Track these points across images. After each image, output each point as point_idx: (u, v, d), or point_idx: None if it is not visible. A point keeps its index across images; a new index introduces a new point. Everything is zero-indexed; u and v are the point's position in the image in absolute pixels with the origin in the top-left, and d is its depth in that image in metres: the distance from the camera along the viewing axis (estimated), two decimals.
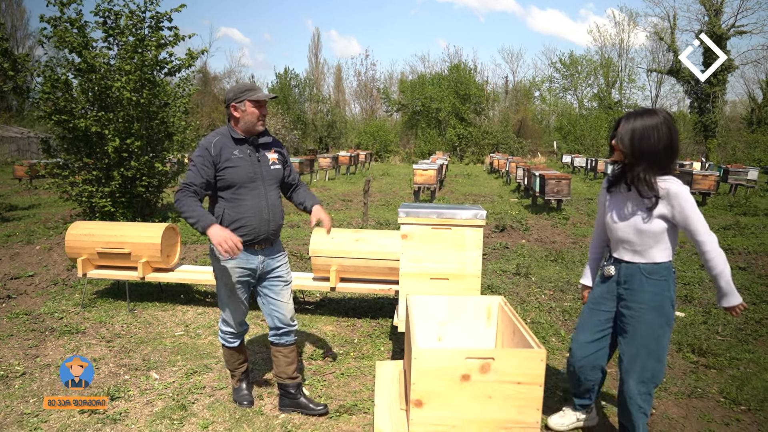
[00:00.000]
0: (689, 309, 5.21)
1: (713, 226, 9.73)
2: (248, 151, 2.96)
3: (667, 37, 32.50)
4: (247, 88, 2.93)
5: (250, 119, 2.92)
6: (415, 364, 2.10)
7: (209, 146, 2.88)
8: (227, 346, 3.23)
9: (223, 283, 3.04)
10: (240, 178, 2.90)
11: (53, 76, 7.57)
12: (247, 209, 2.92)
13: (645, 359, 2.55)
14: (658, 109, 2.49)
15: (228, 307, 3.10)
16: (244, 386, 3.34)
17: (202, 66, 33.73)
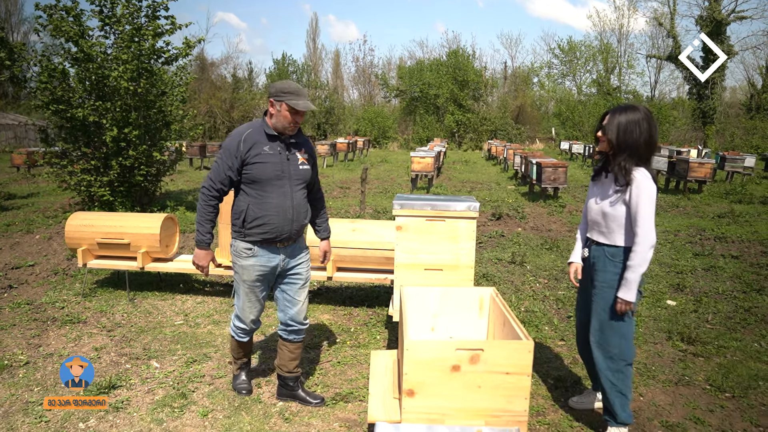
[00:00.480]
0: (680, 298, 5.29)
1: (708, 214, 9.82)
2: (279, 149, 2.95)
3: (666, 23, 32.34)
4: (290, 91, 2.87)
5: (282, 122, 2.90)
6: (407, 355, 2.18)
7: (240, 139, 2.88)
8: (236, 340, 3.27)
9: (241, 281, 3.06)
10: (267, 174, 2.90)
11: (50, 66, 7.58)
12: (271, 207, 2.92)
13: (609, 335, 2.77)
14: (639, 106, 2.72)
15: (244, 304, 3.12)
16: (244, 375, 3.40)
17: (200, 53, 33.50)
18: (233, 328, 3.26)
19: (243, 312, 3.14)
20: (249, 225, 2.94)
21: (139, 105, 8.29)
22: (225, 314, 4.78)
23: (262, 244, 2.99)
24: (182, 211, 9.24)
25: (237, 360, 3.38)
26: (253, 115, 31.50)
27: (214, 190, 2.92)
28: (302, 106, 2.87)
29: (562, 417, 3.11)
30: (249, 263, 3.00)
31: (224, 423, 3.02)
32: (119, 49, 7.92)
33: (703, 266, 6.40)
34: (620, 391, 2.77)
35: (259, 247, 2.99)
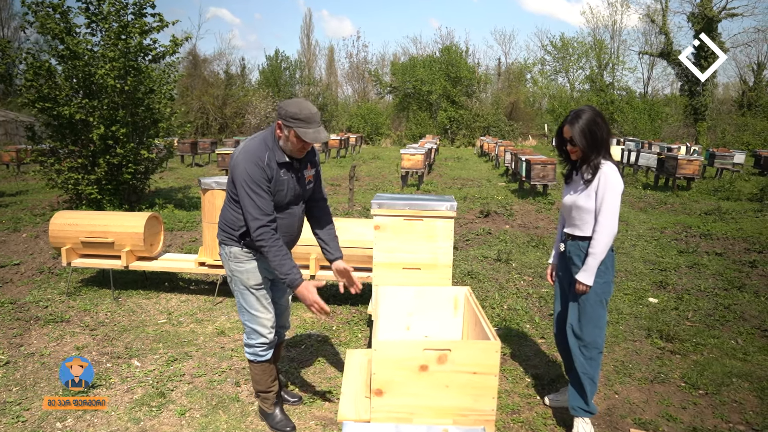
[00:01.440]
0: (663, 295, 5.34)
1: (695, 211, 9.89)
2: (291, 173, 2.74)
3: (659, 20, 32.42)
4: (301, 118, 2.58)
5: (290, 147, 2.66)
6: (375, 355, 2.20)
7: (262, 164, 2.59)
8: (259, 361, 2.88)
9: (248, 287, 2.79)
10: (284, 201, 2.73)
11: (35, 63, 7.54)
12: (281, 228, 2.73)
13: (585, 324, 2.89)
14: (586, 107, 2.88)
15: (257, 312, 2.82)
16: (278, 411, 2.97)
17: (192, 48, 33.34)
18: (250, 351, 2.87)
19: (260, 322, 2.83)
20: (250, 243, 2.74)
21: (127, 103, 8.27)
22: (208, 312, 4.79)
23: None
24: (170, 209, 9.22)
25: (266, 392, 2.94)
26: (245, 112, 31.36)
27: (271, 224, 2.60)
28: (310, 138, 2.59)
29: (536, 415, 3.15)
30: (252, 266, 2.78)
31: (201, 422, 3.04)
32: (106, 46, 7.89)
33: (687, 263, 6.45)
34: (591, 378, 2.90)
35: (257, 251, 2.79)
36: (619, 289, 5.49)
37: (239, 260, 2.78)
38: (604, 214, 2.77)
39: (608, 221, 2.76)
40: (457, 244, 7.30)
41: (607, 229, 2.77)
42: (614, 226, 2.77)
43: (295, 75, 38.42)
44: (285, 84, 36.86)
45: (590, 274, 2.81)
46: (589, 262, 2.81)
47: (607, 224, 2.76)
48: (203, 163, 19.43)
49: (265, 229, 2.58)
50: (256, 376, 2.94)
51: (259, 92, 32.44)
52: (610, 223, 2.76)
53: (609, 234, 2.77)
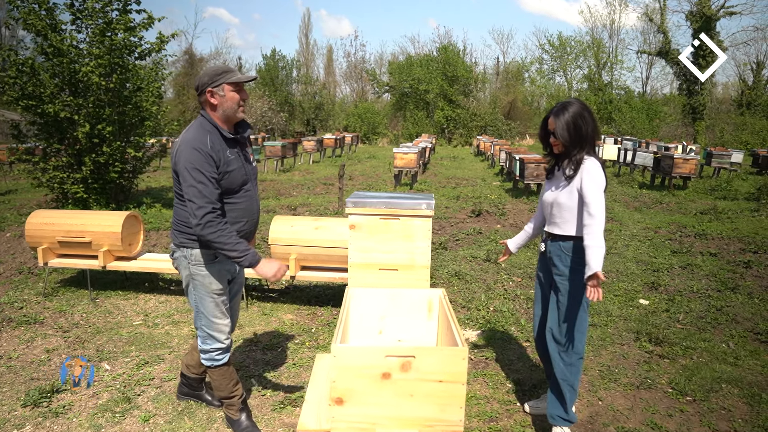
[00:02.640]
0: (654, 297, 5.22)
1: (691, 210, 9.76)
2: (237, 151, 2.65)
3: (657, 18, 32.29)
4: (224, 70, 2.55)
5: (230, 105, 2.56)
6: (334, 361, 2.07)
7: (206, 149, 2.48)
8: (217, 365, 2.77)
9: (207, 293, 2.67)
10: (236, 182, 2.62)
11: (17, 60, 7.41)
12: (242, 213, 2.68)
13: (565, 328, 2.77)
14: (574, 100, 2.74)
15: (215, 317, 2.71)
16: (245, 417, 2.86)
17: (188, 47, 33.18)
18: (207, 356, 2.76)
19: (217, 328, 2.71)
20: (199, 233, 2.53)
21: (114, 101, 8.14)
22: (186, 314, 4.66)
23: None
24: (158, 208, 9.09)
25: (230, 398, 2.83)
26: None
27: (217, 210, 2.48)
28: (244, 78, 2.57)
29: (515, 423, 3.02)
30: (215, 268, 2.66)
31: (164, 428, 2.92)
32: (91, 43, 7.75)
33: (681, 264, 6.33)
34: (571, 384, 2.77)
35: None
36: (610, 290, 5.36)
37: (200, 263, 2.64)
38: (593, 206, 2.57)
39: (598, 212, 2.56)
40: (446, 244, 7.17)
41: (599, 219, 2.56)
42: (603, 215, 2.59)
43: (292, 74, 38.25)
44: (281, 83, 36.69)
45: (598, 263, 2.51)
46: (593, 254, 2.52)
47: (597, 215, 2.56)
48: None
49: (212, 215, 2.46)
50: (215, 382, 2.81)
51: (255, 91, 32.28)
52: (600, 214, 2.57)
53: (601, 223, 2.56)
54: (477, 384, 3.48)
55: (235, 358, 3.83)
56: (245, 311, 4.75)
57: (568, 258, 2.75)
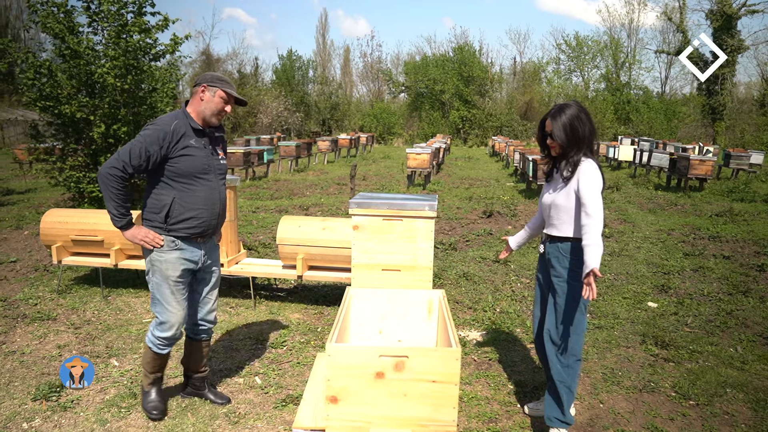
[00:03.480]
0: (663, 299, 5.17)
1: (706, 212, 9.63)
2: (204, 143, 2.89)
3: (676, 17, 31.84)
4: (225, 80, 2.90)
5: (213, 108, 2.84)
6: (328, 360, 2.11)
7: (168, 128, 2.73)
8: (155, 352, 2.96)
9: (165, 278, 2.84)
10: (195, 168, 2.82)
11: (35, 62, 7.57)
12: (200, 201, 2.85)
13: (562, 329, 2.78)
14: (571, 102, 2.76)
15: (170, 305, 2.87)
16: (155, 393, 3.07)
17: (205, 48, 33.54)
18: (152, 339, 2.95)
19: (169, 315, 2.88)
20: (175, 219, 2.81)
21: (129, 101, 8.28)
22: None
23: (184, 239, 2.87)
24: None
25: (150, 374, 3.04)
26: (258, 111, 31.47)
27: (126, 173, 2.68)
28: (236, 94, 2.91)
29: (513, 424, 3.02)
30: (174, 256, 2.84)
31: (168, 424, 2.97)
32: (107, 45, 7.90)
33: (692, 267, 6.25)
34: (568, 386, 2.77)
35: (183, 242, 2.87)
36: (618, 292, 5.33)
37: (162, 249, 2.83)
38: (590, 206, 2.56)
39: (595, 210, 2.55)
40: (456, 245, 7.18)
41: (596, 217, 2.54)
42: (602, 215, 2.59)
43: (308, 74, 38.45)
44: (297, 83, 36.91)
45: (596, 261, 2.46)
46: (591, 252, 2.49)
47: (595, 213, 2.54)
48: None
49: (118, 172, 2.66)
50: (146, 359, 3.02)
51: (271, 91, 32.51)
52: (597, 212, 2.55)
53: (598, 222, 2.54)
54: (479, 385, 3.49)
55: (241, 356, 3.89)
56: (253, 310, 4.81)
57: (565, 259, 2.76)
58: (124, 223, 2.77)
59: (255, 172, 15.06)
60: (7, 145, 24.37)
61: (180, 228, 2.83)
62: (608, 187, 12.65)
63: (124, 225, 2.77)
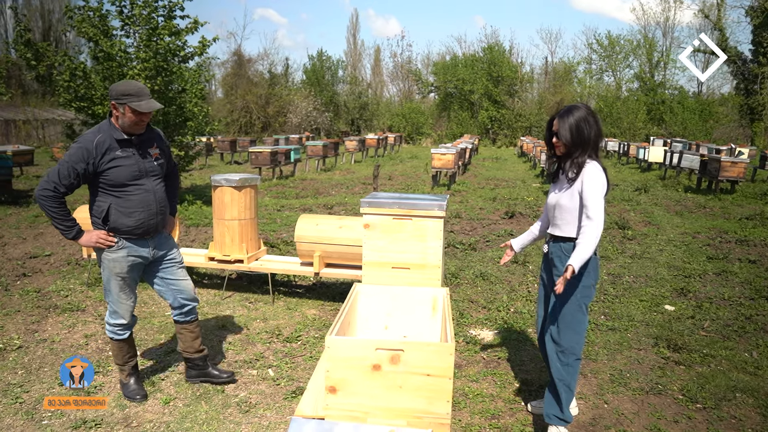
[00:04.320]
0: (681, 303, 5.11)
1: (735, 215, 9.41)
2: (132, 150, 2.99)
3: (713, 15, 31.00)
4: (131, 93, 2.86)
5: (128, 121, 2.91)
6: (328, 352, 2.21)
7: (90, 147, 2.86)
8: (117, 339, 3.20)
9: (113, 275, 3.06)
10: (125, 176, 2.95)
11: (71, 65, 7.91)
12: (136, 205, 2.99)
13: (563, 328, 2.81)
14: (581, 104, 2.79)
15: (119, 298, 3.12)
16: (133, 381, 3.29)
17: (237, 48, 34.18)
18: (110, 329, 3.18)
19: (119, 306, 3.13)
20: (113, 224, 2.98)
21: (158, 101, 8.55)
22: (215, 306, 4.91)
23: (128, 238, 3.04)
24: (199, 205, 9.49)
25: (124, 365, 3.25)
26: (287, 111, 31.90)
27: (59, 193, 2.86)
28: (145, 108, 2.88)
29: (516, 421, 3.07)
30: (120, 255, 3.03)
31: (182, 411, 3.12)
32: (138, 48, 8.19)
33: (715, 270, 6.15)
34: (567, 385, 2.81)
35: (126, 239, 3.04)
36: (636, 295, 5.29)
37: (109, 249, 3.03)
38: (592, 209, 2.62)
39: (596, 213, 2.61)
40: (475, 245, 7.21)
41: (596, 220, 2.60)
42: (602, 219, 2.64)
43: (337, 74, 38.75)
44: (327, 83, 37.26)
45: (579, 261, 2.57)
46: (579, 251, 2.58)
47: (595, 216, 2.61)
48: (242, 160, 19.86)
49: (50, 192, 2.84)
50: (113, 351, 3.27)
51: (301, 91, 32.91)
52: (598, 215, 2.61)
53: (597, 227, 2.61)
54: (485, 383, 3.55)
55: (257, 348, 4.03)
56: (271, 305, 4.95)
57: (568, 259, 2.79)
58: (74, 233, 2.96)
59: (282, 171, 15.32)
60: (47, 143, 25.28)
61: (120, 230, 3.00)
62: (636, 189, 12.46)
63: (74, 235, 2.96)
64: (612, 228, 8.21)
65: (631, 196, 11.32)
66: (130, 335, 3.26)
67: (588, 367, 3.76)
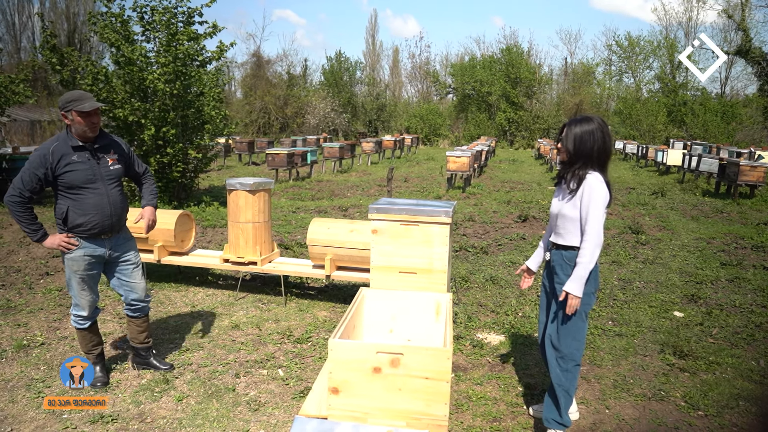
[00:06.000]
0: (691, 309, 5.11)
1: (753, 221, 9.31)
2: (87, 156, 3.23)
3: (737, 15, 30.48)
4: (74, 99, 3.13)
5: (79, 127, 3.16)
6: (331, 354, 2.30)
7: (47, 153, 3.13)
8: (79, 328, 3.49)
9: (73, 272, 3.32)
10: (79, 180, 3.19)
11: (93, 70, 8.14)
12: (90, 207, 3.23)
13: (563, 335, 2.88)
14: (594, 117, 2.84)
15: (79, 293, 3.38)
16: (98, 369, 3.55)
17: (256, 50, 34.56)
18: (74, 319, 3.47)
19: (81, 301, 3.40)
20: (71, 225, 3.22)
21: (177, 105, 8.76)
22: (228, 307, 5.04)
23: (87, 238, 3.28)
24: (216, 206, 9.67)
25: (89, 353, 3.54)
26: (305, 112, 32.19)
27: (24, 198, 3.15)
28: (88, 107, 3.12)
29: (516, 424, 3.14)
30: (78, 254, 3.28)
31: (194, 408, 3.25)
32: (158, 53, 8.40)
33: (728, 277, 6.12)
34: (566, 390, 2.87)
35: (84, 239, 3.28)
36: (645, 300, 5.30)
37: (64, 252, 3.29)
38: (590, 224, 2.73)
39: (595, 230, 2.72)
40: (487, 249, 7.26)
41: (594, 238, 2.72)
42: (601, 236, 2.73)
43: (355, 75, 38.92)
44: (345, 85, 37.46)
45: (578, 285, 2.74)
46: (577, 272, 2.75)
47: (593, 233, 2.72)
48: (260, 161, 20.10)
49: (17, 198, 3.14)
50: (78, 339, 3.58)
51: (319, 92, 33.15)
52: (596, 233, 2.72)
53: (595, 243, 2.72)
54: (489, 386, 3.61)
55: (268, 349, 4.15)
56: (283, 307, 5.07)
57: (569, 267, 2.85)
58: (39, 236, 3.22)
59: (299, 172, 15.49)
60: None
61: (77, 230, 3.25)
62: (653, 192, 12.37)
63: (39, 238, 3.23)
64: (625, 232, 8.19)
65: (647, 200, 11.25)
66: (91, 325, 3.52)
67: (592, 372, 3.80)
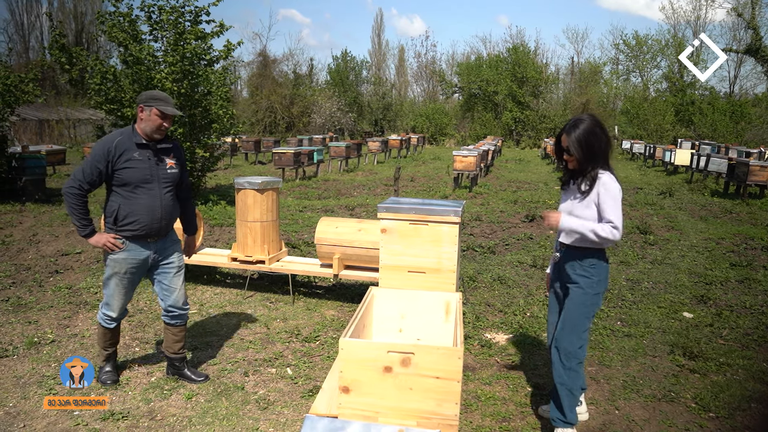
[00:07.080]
0: (700, 310, 5.08)
1: (765, 221, 9.25)
2: (148, 155, 3.23)
3: (747, 13, 30.27)
4: (159, 98, 3.19)
5: (151, 126, 3.18)
6: (341, 354, 2.30)
7: (111, 145, 3.14)
8: (103, 326, 3.47)
9: (113, 273, 3.31)
10: (136, 178, 3.18)
11: (102, 69, 8.18)
12: (141, 207, 3.21)
13: (568, 332, 2.88)
14: (584, 116, 2.84)
15: (114, 293, 3.37)
16: (109, 367, 3.56)
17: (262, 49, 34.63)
18: (101, 316, 3.45)
19: (113, 301, 3.38)
20: (120, 223, 3.21)
21: (185, 104, 8.78)
22: (237, 305, 5.05)
23: (132, 239, 3.26)
24: (223, 205, 9.70)
25: (104, 350, 3.54)
26: (311, 111, 32.22)
27: (83, 190, 3.15)
28: (170, 111, 3.19)
29: (526, 424, 3.13)
30: (121, 257, 3.26)
31: (204, 406, 3.26)
32: (166, 52, 8.43)
33: (738, 277, 6.08)
34: (570, 389, 2.87)
35: (131, 241, 3.26)
36: (654, 301, 5.28)
37: (107, 251, 3.27)
38: (610, 213, 2.69)
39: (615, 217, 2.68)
40: (494, 248, 7.24)
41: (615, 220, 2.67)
42: (620, 224, 2.69)
43: (361, 74, 38.92)
44: (351, 84, 37.46)
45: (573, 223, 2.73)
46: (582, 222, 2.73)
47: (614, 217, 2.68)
48: (266, 160, 20.13)
49: (75, 190, 3.13)
50: (98, 334, 3.57)
51: (325, 92, 33.17)
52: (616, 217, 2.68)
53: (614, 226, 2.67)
54: (498, 386, 3.61)
55: (276, 348, 4.16)
56: (291, 306, 5.08)
57: (579, 267, 2.85)
58: (87, 232, 3.21)
59: (305, 171, 15.51)
60: (79, 143, 25.97)
61: (125, 230, 3.23)
62: (660, 192, 12.31)
63: (87, 233, 3.21)
64: (633, 233, 8.16)
65: (655, 200, 11.20)
66: (116, 326, 3.51)
67: (601, 373, 3.79)
